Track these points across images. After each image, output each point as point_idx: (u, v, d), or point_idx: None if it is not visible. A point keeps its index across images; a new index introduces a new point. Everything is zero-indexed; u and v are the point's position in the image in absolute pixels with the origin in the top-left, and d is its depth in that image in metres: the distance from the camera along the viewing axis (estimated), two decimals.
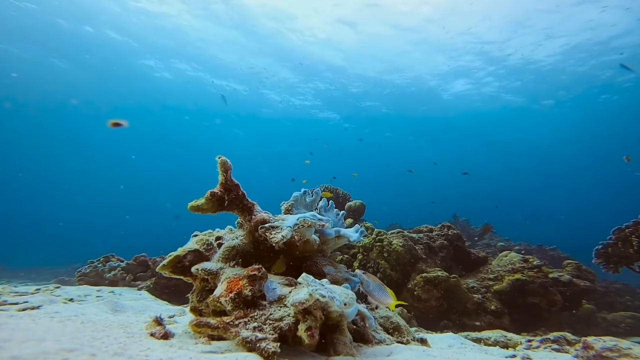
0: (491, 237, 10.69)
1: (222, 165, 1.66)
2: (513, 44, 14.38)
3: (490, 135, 26.31)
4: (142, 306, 2.44)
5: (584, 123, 22.60)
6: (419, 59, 16.08)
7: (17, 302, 2.00)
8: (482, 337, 2.99)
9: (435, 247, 5.06)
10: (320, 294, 1.23)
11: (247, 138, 31.55)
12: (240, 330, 1.25)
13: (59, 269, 11.00)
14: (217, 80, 19.48)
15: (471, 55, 15.48)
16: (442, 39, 14.29)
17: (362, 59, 16.62)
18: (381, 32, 14.34)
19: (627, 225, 4.47)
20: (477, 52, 15.19)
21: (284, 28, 14.54)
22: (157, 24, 14.40)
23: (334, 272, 1.97)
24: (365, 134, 25.65)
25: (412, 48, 15.30)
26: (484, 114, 21.72)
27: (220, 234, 1.89)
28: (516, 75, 17.00)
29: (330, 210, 2.34)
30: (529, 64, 15.78)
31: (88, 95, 22.61)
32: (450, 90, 19.18)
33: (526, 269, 4.43)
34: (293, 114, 23.61)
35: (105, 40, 15.77)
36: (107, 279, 4.57)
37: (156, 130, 30.75)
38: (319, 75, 18.51)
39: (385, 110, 22.35)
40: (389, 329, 1.97)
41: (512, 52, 14.91)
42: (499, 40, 14.19)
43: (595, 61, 15.13)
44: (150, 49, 16.55)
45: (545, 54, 14.92)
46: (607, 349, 1.86)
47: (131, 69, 18.56)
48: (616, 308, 5.43)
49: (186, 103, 23.38)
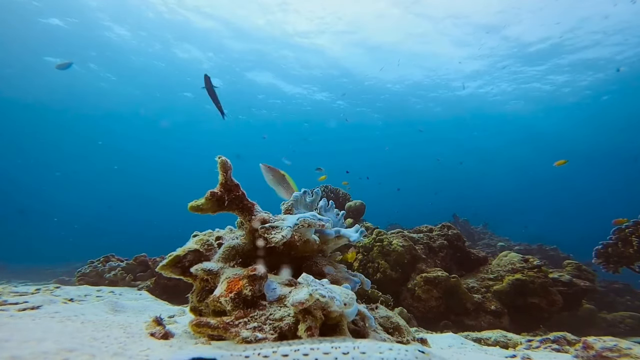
0: (491, 237, 10.69)
1: (222, 165, 1.66)
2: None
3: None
4: (142, 306, 2.44)
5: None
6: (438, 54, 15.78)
7: (17, 302, 2.00)
8: (482, 337, 2.99)
9: (435, 247, 5.06)
10: (320, 294, 1.23)
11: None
12: (240, 330, 1.25)
13: (59, 269, 10.99)
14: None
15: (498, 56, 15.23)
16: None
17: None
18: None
19: (627, 225, 4.47)
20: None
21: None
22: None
23: (334, 272, 1.97)
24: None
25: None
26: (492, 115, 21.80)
27: (220, 234, 1.89)
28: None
29: (330, 210, 2.34)
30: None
31: (88, 94, 22.62)
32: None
33: (526, 269, 4.43)
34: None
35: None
36: (107, 279, 4.57)
37: (158, 130, 30.84)
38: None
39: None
40: (389, 329, 1.97)
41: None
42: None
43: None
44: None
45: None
46: (607, 349, 1.86)
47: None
48: (616, 308, 5.43)
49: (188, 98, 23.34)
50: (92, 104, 23.43)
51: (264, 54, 16.88)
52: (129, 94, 21.68)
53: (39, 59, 16.86)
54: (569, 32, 13.49)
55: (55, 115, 26.85)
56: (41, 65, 17.14)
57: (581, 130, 24.98)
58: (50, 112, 26.12)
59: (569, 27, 13.17)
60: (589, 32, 13.36)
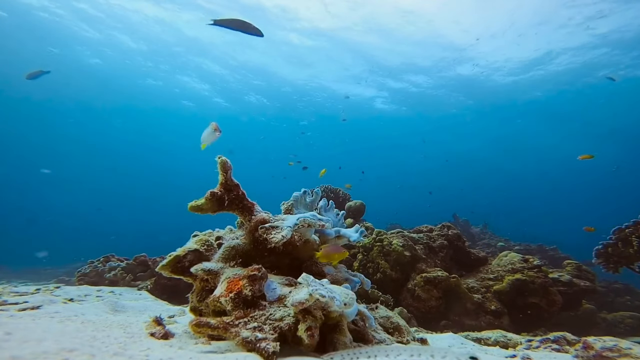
0: (491, 237, 10.69)
1: (222, 165, 1.66)
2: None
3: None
4: (142, 306, 2.44)
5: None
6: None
7: (17, 302, 2.00)
8: (482, 337, 2.99)
9: (435, 247, 5.06)
10: (320, 294, 1.23)
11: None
12: (240, 330, 1.25)
13: (59, 269, 11.00)
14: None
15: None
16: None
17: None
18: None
19: (627, 225, 4.47)
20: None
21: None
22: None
23: (334, 272, 1.97)
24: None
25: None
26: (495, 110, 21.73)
27: (220, 234, 1.89)
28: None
29: (330, 210, 2.34)
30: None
31: (89, 94, 22.64)
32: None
33: (526, 269, 4.43)
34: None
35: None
36: (107, 279, 4.57)
37: (160, 130, 30.87)
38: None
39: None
40: (389, 329, 1.97)
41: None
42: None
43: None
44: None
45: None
46: (607, 349, 1.86)
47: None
48: (616, 308, 5.43)
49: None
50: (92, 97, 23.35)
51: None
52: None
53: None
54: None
55: (56, 114, 26.85)
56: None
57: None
58: (51, 111, 26.13)
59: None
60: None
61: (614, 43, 13.63)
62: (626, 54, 14.43)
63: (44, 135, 31.79)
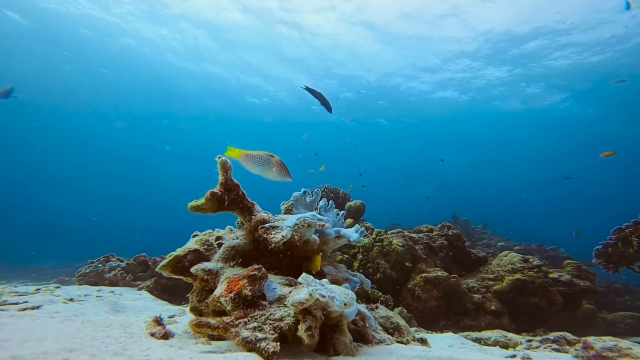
0: (491, 237, 10.69)
1: (222, 165, 1.66)
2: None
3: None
4: (142, 306, 2.44)
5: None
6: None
7: (17, 302, 2.00)
8: (482, 337, 2.99)
9: (435, 247, 5.06)
10: (320, 294, 1.23)
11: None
12: (240, 330, 1.25)
13: (59, 269, 10.99)
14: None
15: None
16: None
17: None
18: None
19: (627, 225, 4.47)
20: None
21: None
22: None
23: (334, 272, 1.98)
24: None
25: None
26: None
27: (220, 234, 1.89)
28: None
29: (330, 210, 2.34)
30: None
31: (90, 95, 22.63)
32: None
33: (526, 269, 4.43)
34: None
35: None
36: (107, 279, 4.57)
37: (162, 131, 30.88)
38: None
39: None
40: (389, 329, 1.97)
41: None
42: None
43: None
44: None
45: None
46: (607, 349, 1.86)
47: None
48: (616, 308, 5.43)
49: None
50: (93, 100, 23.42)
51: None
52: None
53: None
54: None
55: (57, 115, 26.86)
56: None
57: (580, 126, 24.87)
58: (52, 112, 26.13)
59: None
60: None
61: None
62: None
63: (48, 139, 31.85)
